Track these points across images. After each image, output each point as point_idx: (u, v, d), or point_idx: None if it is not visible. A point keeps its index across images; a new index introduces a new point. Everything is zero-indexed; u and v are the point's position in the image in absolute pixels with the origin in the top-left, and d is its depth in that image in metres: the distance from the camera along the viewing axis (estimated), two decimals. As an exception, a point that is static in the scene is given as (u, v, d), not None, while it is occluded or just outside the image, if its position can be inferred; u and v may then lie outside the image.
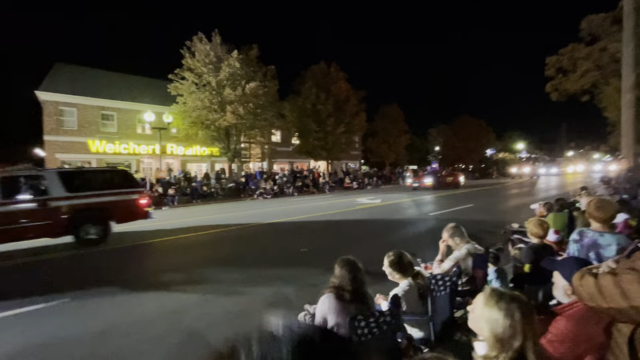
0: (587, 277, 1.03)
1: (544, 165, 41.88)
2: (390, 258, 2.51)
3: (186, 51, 20.08)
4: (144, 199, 8.46)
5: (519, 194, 17.64)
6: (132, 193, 8.21)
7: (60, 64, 22.69)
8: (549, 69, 22.58)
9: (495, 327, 1.23)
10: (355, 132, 30.21)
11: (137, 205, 8.23)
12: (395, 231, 8.38)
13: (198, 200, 18.36)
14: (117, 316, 3.81)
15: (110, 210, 7.65)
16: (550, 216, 4.75)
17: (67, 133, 20.35)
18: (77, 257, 6.57)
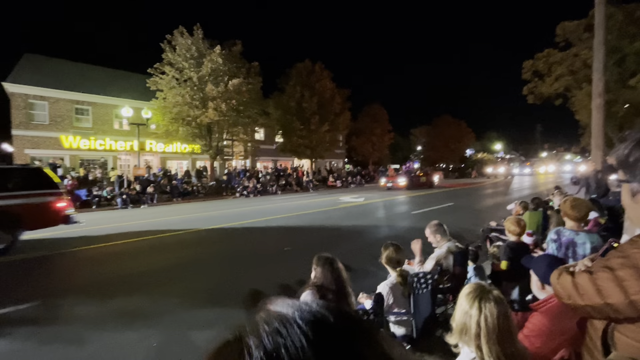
0: (565, 275, 1.06)
1: (518, 166, 43.19)
2: (387, 249, 2.62)
3: (166, 45, 19.49)
4: (62, 201, 7.46)
5: (493, 194, 18.13)
6: (46, 195, 7.18)
7: (30, 54, 21.52)
8: (525, 73, 23.45)
9: (465, 319, 1.30)
10: (339, 130, 30.32)
11: (53, 209, 7.24)
12: (378, 229, 8.46)
13: (178, 199, 17.92)
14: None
15: (18, 215, 6.60)
16: (526, 215, 4.92)
17: (37, 128, 19.34)
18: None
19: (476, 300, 1.30)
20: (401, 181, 21.01)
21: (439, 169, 44.71)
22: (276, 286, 4.47)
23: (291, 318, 0.36)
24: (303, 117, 25.89)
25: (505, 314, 1.29)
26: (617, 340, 0.93)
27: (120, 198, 15.19)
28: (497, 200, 14.79)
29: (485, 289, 1.34)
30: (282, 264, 5.54)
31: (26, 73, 19.49)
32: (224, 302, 4.05)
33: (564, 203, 2.69)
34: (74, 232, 8.75)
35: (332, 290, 2.09)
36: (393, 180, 21.59)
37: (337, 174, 30.08)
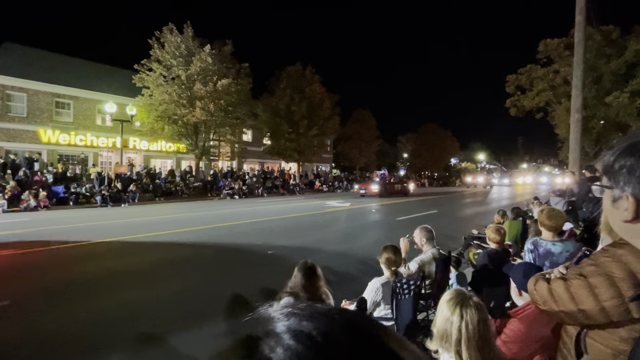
0: (541, 282, 1.09)
1: (497, 176, 43.52)
2: (387, 250, 2.69)
3: (155, 42, 19.16)
4: None
5: (471, 203, 18.41)
6: None
7: (9, 43, 20.69)
8: (509, 86, 24.27)
9: (446, 325, 1.31)
10: (327, 135, 30.47)
11: None
12: (364, 234, 8.50)
13: (161, 198, 17.52)
14: None
15: None
16: (506, 224, 5.05)
17: (14, 120, 18.55)
18: None
19: (457, 307, 1.32)
20: (374, 188, 20.34)
21: (424, 177, 45.56)
22: (257, 290, 4.41)
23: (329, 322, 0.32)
24: (292, 121, 25.88)
25: (485, 321, 1.32)
26: (589, 345, 0.96)
27: (99, 196, 14.71)
28: (477, 209, 15.13)
29: (465, 296, 1.36)
30: (265, 267, 5.47)
31: (4, 62, 18.68)
32: (201, 306, 3.97)
33: (541, 213, 2.79)
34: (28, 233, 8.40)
35: (309, 299, 2.08)
36: (366, 187, 21.04)
37: (324, 178, 30.15)
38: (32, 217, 11.08)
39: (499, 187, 34.93)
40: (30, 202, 12.90)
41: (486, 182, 35.40)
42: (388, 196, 19.74)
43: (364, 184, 22.55)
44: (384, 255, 2.67)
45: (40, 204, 13.13)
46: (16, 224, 9.54)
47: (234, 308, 3.77)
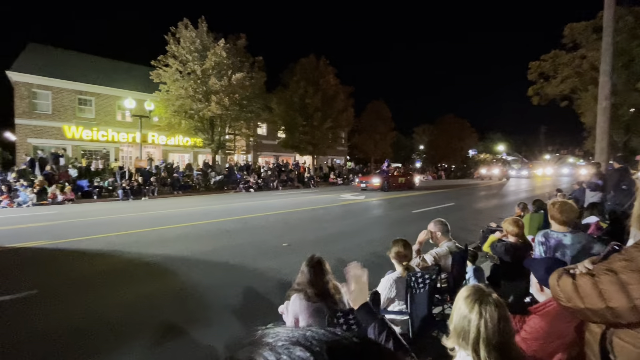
0: (565, 277, 1.03)
1: (516, 167, 41.04)
2: (397, 244, 2.64)
3: (170, 37, 19.43)
4: None
5: (488, 196, 17.89)
6: None
7: (34, 44, 21.49)
8: (531, 73, 23.28)
9: (463, 323, 1.26)
10: (342, 127, 30.25)
11: None
12: (378, 227, 8.45)
13: (179, 192, 17.95)
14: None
15: None
16: (526, 217, 4.89)
17: (40, 117, 19.37)
18: None
19: (476, 304, 1.27)
20: (375, 181, 19.08)
21: (441, 169, 44.66)
22: (275, 282, 4.47)
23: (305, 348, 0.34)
24: (306, 113, 25.81)
25: (506, 318, 1.27)
26: (616, 345, 0.91)
27: (121, 189, 15.23)
28: (495, 202, 14.72)
29: (484, 293, 1.31)
30: (280, 259, 5.53)
31: (30, 62, 19.48)
32: (218, 298, 4.06)
33: (552, 206, 2.66)
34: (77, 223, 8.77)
35: (314, 293, 2.06)
36: (367, 180, 19.76)
37: (339, 171, 30.07)
38: (58, 210, 11.61)
39: (517, 180, 33.43)
40: (57, 196, 13.51)
41: (502, 174, 33.45)
42: (391, 190, 18.75)
43: (365, 177, 21.36)
44: (394, 249, 2.62)
45: (66, 198, 13.72)
46: (44, 216, 10.02)
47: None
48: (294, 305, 2.06)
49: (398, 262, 2.62)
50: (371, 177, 20.02)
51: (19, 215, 10.26)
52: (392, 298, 2.50)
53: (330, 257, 5.52)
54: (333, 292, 2.11)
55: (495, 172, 34.15)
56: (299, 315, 2.02)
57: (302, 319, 2.00)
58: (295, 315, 2.03)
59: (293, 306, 2.06)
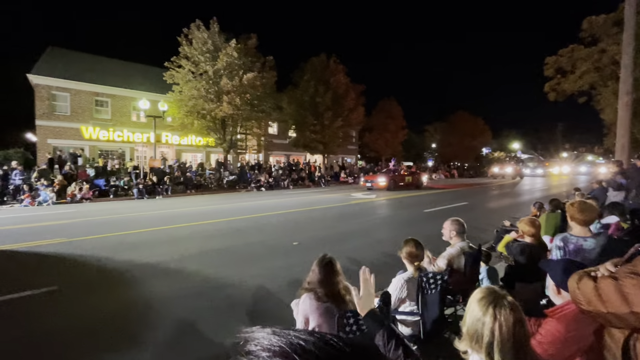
0: (586, 280, 0.99)
1: (531, 166, 39.36)
2: (408, 244, 2.62)
3: (183, 39, 19.72)
4: None
5: (501, 196, 17.54)
6: None
7: (54, 47, 22.17)
8: (548, 69, 22.62)
9: (477, 326, 1.23)
10: (352, 126, 30.12)
11: None
12: (389, 226, 8.39)
13: (192, 191, 18.24)
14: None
15: None
16: (543, 217, 4.75)
17: (59, 118, 19.98)
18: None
19: (490, 307, 1.23)
20: (381, 181, 18.40)
21: (454, 167, 43.95)
22: (285, 281, 4.49)
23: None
24: (316, 112, 25.81)
25: (521, 322, 1.23)
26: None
27: (136, 188, 15.57)
28: (509, 201, 14.39)
29: (499, 295, 1.27)
30: (290, 258, 5.55)
31: (50, 65, 20.12)
32: (227, 297, 4.10)
33: (571, 206, 2.57)
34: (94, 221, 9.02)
35: (324, 293, 2.05)
36: (372, 179, 19.09)
37: (349, 170, 29.96)
38: (77, 208, 11.96)
39: (531, 178, 32.01)
40: (75, 194, 13.92)
41: (515, 173, 32.26)
42: (397, 189, 18.25)
43: (371, 176, 20.71)
44: (405, 249, 2.58)
45: (84, 197, 14.12)
46: (63, 215, 10.34)
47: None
48: (304, 305, 2.06)
49: (409, 262, 2.58)
50: (377, 177, 19.37)
51: (40, 214, 10.62)
52: (403, 298, 2.48)
53: (341, 257, 5.49)
54: (343, 292, 2.10)
55: (509, 170, 32.99)
56: (309, 315, 2.02)
57: (312, 318, 2.00)
58: (305, 315, 2.03)
59: (303, 305, 2.06)
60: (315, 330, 0.35)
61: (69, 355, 2.86)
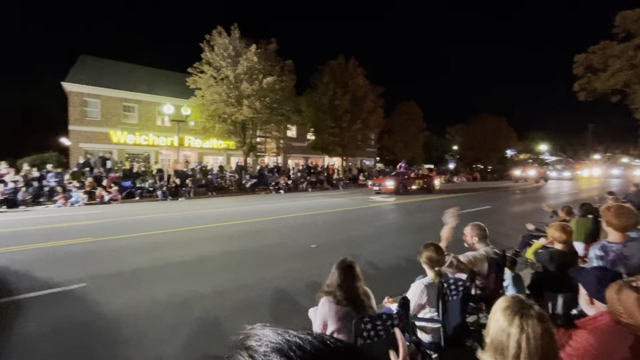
0: (627, 291, 0.93)
1: (559, 168, 37.21)
2: (428, 249, 2.54)
3: (205, 45, 20.31)
4: None
5: (523, 200, 16.79)
6: None
7: (85, 56, 23.42)
8: (577, 67, 21.63)
9: (502, 337, 1.18)
10: (371, 128, 29.86)
11: None
12: (408, 230, 8.23)
13: (213, 193, 18.67)
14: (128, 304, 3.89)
15: None
16: (573, 222, 4.52)
17: (90, 123, 21.04)
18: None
19: (516, 317, 1.17)
20: (389, 184, 17.38)
21: (476, 170, 42.66)
22: (303, 284, 4.50)
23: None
24: (335, 115, 25.80)
25: (550, 333, 1.16)
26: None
27: (160, 191, 16.11)
28: (534, 205, 13.78)
29: (525, 304, 1.20)
30: (308, 260, 5.56)
31: (82, 73, 21.26)
32: (246, 298, 4.15)
33: (607, 211, 2.40)
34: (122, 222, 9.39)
35: (343, 297, 2.03)
36: (380, 182, 18.08)
37: (368, 172, 29.71)
38: (105, 209, 12.52)
39: (557, 182, 30.23)
40: (104, 196, 14.58)
41: (539, 176, 30.12)
42: (407, 193, 17.36)
43: (378, 179, 19.69)
44: (425, 254, 2.51)
45: (112, 198, 14.77)
46: (93, 215, 10.85)
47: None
48: (322, 308, 2.05)
49: (429, 267, 2.52)
50: (385, 180, 18.27)
51: (72, 214, 11.19)
52: (422, 304, 2.41)
53: (359, 260, 5.45)
54: (363, 297, 2.07)
55: (531, 173, 31.06)
56: (328, 319, 2.00)
57: (330, 322, 1.98)
58: (323, 318, 2.02)
59: (322, 309, 2.05)
60: (314, 332, 0.37)
61: (95, 347, 2.98)
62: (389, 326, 1.84)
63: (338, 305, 2.01)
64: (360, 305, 2.02)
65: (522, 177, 31.02)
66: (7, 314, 3.62)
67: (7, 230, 8.35)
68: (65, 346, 3.01)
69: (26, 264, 5.36)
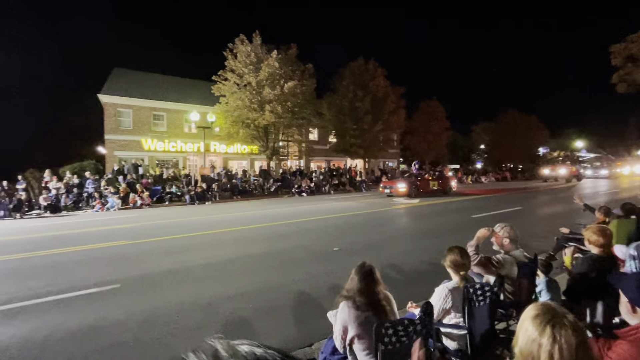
0: None
1: (593, 166, 34.38)
2: (452, 252, 2.48)
3: (229, 53, 20.94)
4: None
5: (555, 201, 15.68)
6: None
7: (118, 68, 24.86)
8: (615, 58, 20.27)
9: (532, 348, 1.10)
10: (393, 129, 29.44)
11: None
12: (433, 232, 8.01)
13: (238, 197, 19.11)
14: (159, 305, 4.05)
15: None
16: (613, 223, 4.22)
17: (123, 132, 22.25)
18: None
19: (548, 327, 1.09)
20: (401, 187, 16.36)
21: (506, 169, 40.86)
22: (322, 286, 4.50)
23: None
24: (356, 117, 25.67)
25: (585, 344, 1.08)
26: None
27: (188, 195, 16.72)
28: (568, 206, 12.96)
29: (557, 313, 1.12)
30: (331, 263, 5.55)
31: (116, 85, 22.59)
32: (269, 300, 4.19)
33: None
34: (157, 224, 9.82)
35: (363, 302, 2.00)
36: (392, 185, 17.15)
37: (391, 174, 29.28)
38: (138, 213, 13.16)
39: (593, 180, 27.95)
40: (137, 201, 15.33)
41: (570, 174, 27.55)
42: (421, 196, 16.48)
43: (389, 181, 18.87)
44: (449, 258, 2.43)
45: (144, 203, 15.50)
46: (127, 219, 11.43)
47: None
48: (342, 313, 2.03)
49: (454, 271, 2.43)
50: (396, 182, 17.37)
51: (107, 218, 11.86)
52: (447, 309, 2.33)
53: (382, 263, 5.38)
54: (384, 302, 2.04)
55: (562, 172, 28.02)
56: (348, 325, 1.98)
57: (351, 328, 1.96)
58: (344, 324, 2.00)
59: (342, 314, 2.03)
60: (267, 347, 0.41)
61: (128, 345, 3.13)
62: (411, 332, 1.80)
63: (358, 311, 1.98)
64: (381, 310, 1.99)
65: (552, 176, 28.78)
66: (50, 312, 3.89)
67: (52, 234, 8.98)
68: (102, 343, 3.19)
69: (68, 265, 5.74)
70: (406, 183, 16.56)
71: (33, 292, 4.46)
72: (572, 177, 27.56)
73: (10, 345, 3.15)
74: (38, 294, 4.41)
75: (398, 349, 1.75)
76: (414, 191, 16.44)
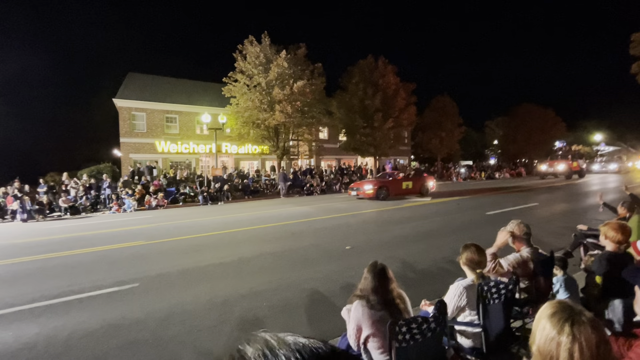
0: None
1: (601, 160, 31.89)
2: (467, 249, 2.46)
3: (238, 54, 21.13)
4: None
5: (569, 197, 15.14)
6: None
7: (132, 73, 25.44)
8: (634, 47, 19.52)
9: (551, 347, 1.09)
10: (404, 126, 29.10)
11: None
12: (446, 230, 7.93)
13: (250, 196, 19.31)
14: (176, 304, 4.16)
15: None
16: (634, 219, 4.10)
17: (138, 135, 22.77)
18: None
19: (566, 325, 1.07)
20: (367, 188, 14.96)
21: (520, 165, 39.94)
22: (335, 284, 4.52)
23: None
24: (366, 115, 25.51)
25: (606, 342, 1.05)
26: None
27: (201, 196, 16.99)
28: (587, 202, 12.54)
29: (575, 310, 1.10)
30: (343, 262, 5.57)
31: (130, 89, 23.13)
32: (282, 299, 4.24)
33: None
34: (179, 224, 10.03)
35: (376, 301, 2.01)
36: (359, 186, 15.79)
37: (403, 171, 29.03)
38: (153, 214, 13.46)
39: (602, 176, 25.73)
40: (152, 202, 15.68)
41: (569, 170, 24.94)
42: (391, 198, 15.07)
43: (358, 182, 17.53)
44: (464, 255, 2.41)
45: (158, 204, 15.84)
46: (143, 220, 11.71)
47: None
48: (356, 312, 2.04)
49: (470, 269, 2.42)
50: (363, 183, 15.95)
51: (124, 219, 12.18)
52: (462, 307, 2.32)
53: (395, 262, 5.37)
54: (398, 301, 2.04)
55: (560, 168, 25.28)
56: (362, 323, 1.99)
57: (365, 327, 1.98)
58: (357, 323, 2.01)
59: (355, 313, 2.05)
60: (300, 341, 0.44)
61: (147, 342, 3.23)
62: (425, 330, 1.80)
63: (372, 310, 1.99)
64: (395, 308, 1.99)
65: (550, 173, 26.17)
66: (73, 310, 4.04)
67: (72, 235, 9.29)
68: (122, 340, 3.30)
69: (89, 265, 5.94)
70: (373, 184, 15.15)
71: (56, 292, 4.64)
72: (572, 173, 25.21)
73: (37, 342, 3.30)
74: (61, 293, 4.59)
75: (412, 347, 1.76)
76: (382, 193, 14.95)
